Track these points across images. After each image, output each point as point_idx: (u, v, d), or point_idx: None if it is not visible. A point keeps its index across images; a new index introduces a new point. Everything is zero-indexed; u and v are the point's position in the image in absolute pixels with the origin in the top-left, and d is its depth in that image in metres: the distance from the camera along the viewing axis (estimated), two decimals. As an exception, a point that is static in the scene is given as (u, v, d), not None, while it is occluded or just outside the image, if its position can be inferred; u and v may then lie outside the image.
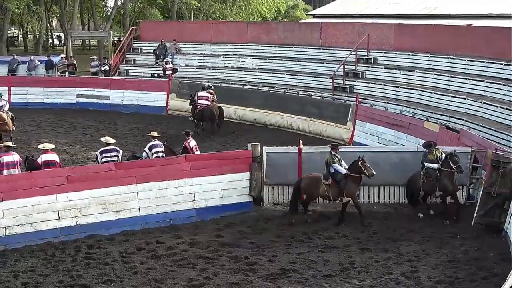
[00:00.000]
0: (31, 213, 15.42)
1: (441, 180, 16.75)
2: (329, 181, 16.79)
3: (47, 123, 29.76)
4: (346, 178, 16.68)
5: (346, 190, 16.63)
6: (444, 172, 16.73)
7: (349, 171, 16.64)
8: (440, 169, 16.75)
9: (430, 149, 17.16)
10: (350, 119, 26.08)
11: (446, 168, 16.71)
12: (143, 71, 37.61)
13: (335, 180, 16.78)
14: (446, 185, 16.76)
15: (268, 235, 15.97)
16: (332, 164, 16.79)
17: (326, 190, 16.81)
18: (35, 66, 37.39)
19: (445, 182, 16.72)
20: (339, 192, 16.75)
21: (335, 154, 16.97)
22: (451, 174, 16.71)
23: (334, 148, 17.19)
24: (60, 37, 65.19)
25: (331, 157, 16.89)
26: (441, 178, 16.75)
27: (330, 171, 16.82)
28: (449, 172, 16.69)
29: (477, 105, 23.47)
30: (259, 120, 29.59)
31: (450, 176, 16.73)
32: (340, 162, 16.88)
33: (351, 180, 16.65)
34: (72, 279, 13.29)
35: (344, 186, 16.67)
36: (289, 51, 33.75)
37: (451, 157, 16.72)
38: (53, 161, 16.99)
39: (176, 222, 16.80)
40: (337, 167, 16.78)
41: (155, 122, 29.88)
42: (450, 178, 16.75)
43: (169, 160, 17.58)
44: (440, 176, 16.76)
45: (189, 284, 13.02)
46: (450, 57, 26.56)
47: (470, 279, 13.05)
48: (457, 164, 16.59)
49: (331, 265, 14.03)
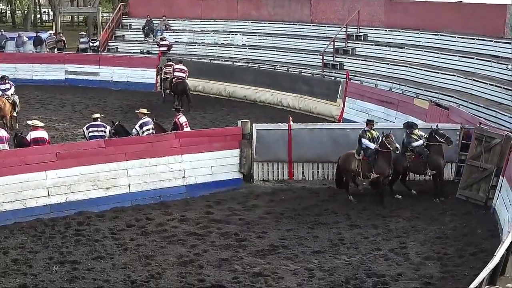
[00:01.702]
0: (20, 190, 15.38)
1: (431, 156, 16.76)
2: (360, 156, 16.64)
3: (36, 99, 29.62)
4: (376, 154, 16.52)
5: (376, 166, 16.45)
6: (433, 147, 16.76)
7: (379, 146, 16.47)
8: (429, 144, 16.77)
9: (411, 130, 17.09)
10: (340, 96, 26.07)
11: (434, 142, 16.74)
12: (132, 48, 37.40)
13: (366, 155, 16.64)
14: (437, 160, 16.77)
15: (258, 212, 16.02)
16: (361, 139, 16.63)
17: (357, 165, 16.66)
18: (23, 42, 37.07)
19: (435, 157, 16.74)
20: (369, 168, 16.56)
21: (368, 129, 16.72)
22: (439, 148, 16.75)
23: (368, 124, 16.94)
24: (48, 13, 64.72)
25: (363, 132, 16.74)
26: (431, 155, 16.77)
27: (362, 146, 16.70)
28: (438, 146, 16.73)
29: (467, 82, 23.47)
30: (249, 97, 29.56)
31: (439, 151, 16.77)
32: (373, 138, 16.61)
33: (381, 156, 16.40)
34: (62, 255, 13.30)
35: (373, 162, 16.51)
36: (279, 27, 33.58)
37: (436, 132, 16.76)
38: (42, 138, 16.95)
39: (166, 199, 16.80)
40: (366, 142, 16.54)
41: (145, 98, 29.78)
42: (440, 153, 16.78)
43: (159, 137, 17.55)
44: (430, 153, 16.78)
45: (179, 261, 13.05)
46: (440, 34, 26.51)
47: (459, 255, 13.15)
48: (444, 136, 16.64)
49: (320, 242, 14.09)
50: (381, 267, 12.69)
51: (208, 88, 31.09)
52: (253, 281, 12.17)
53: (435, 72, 25.09)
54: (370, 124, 16.92)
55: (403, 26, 28.36)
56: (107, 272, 12.56)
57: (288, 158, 18.32)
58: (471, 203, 16.23)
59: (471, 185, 16.48)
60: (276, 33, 33.44)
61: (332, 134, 18.22)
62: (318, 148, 17.88)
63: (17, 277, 12.32)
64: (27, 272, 12.52)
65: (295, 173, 18.43)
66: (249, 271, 12.60)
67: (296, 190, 17.74)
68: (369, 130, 16.72)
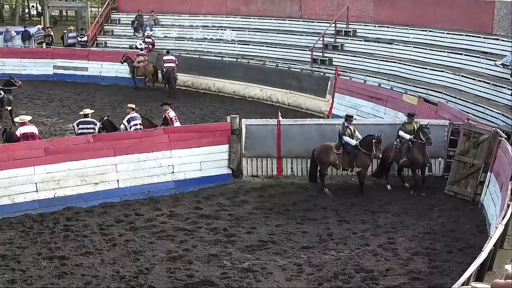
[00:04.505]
0: (8, 185, 15.30)
1: (412, 151, 16.87)
2: (340, 150, 16.86)
3: (25, 94, 29.42)
4: (357, 150, 16.71)
5: (357, 161, 16.72)
6: (415, 144, 16.86)
7: (360, 145, 16.66)
8: (412, 141, 16.88)
9: (410, 119, 17.26)
10: (329, 92, 26.09)
11: (417, 139, 16.84)
12: (121, 43, 37.28)
13: (347, 150, 16.84)
14: (416, 156, 16.88)
15: (247, 207, 16.03)
16: (342, 136, 16.83)
17: (337, 159, 16.89)
18: (11, 37, 36.92)
19: (415, 153, 16.85)
20: (349, 163, 16.83)
21: (348, 125, 16.95)
22: (422, 145, 16.83)
23: (347, 119, 17.16)
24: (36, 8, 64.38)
25: (343, 128, 16.91)
26: (412, 149, 16.87)
27: (342, 142, 16.86)
28: (420, 143, 16.82)
29: (455, 78, 23.58)
30: (238, 92, 29.54)
31: (421, 148, 16.85)
32: (353, 134, 16.88)
33: (362, 153, 16.67)
34: (51, 251, 13.26)
35: (354, 157, 16.73)
36: (268, 23, 33.60)
37: (421, 129, 16.86)
38: (32, 133, 16.86)
39: (155, 194, 16.78)
40: (347, 139, 16.79)
41: (134, 94, 29.71)
42: (421, 150, 16.87)
43: (148, 132, 17.51)
44: (412, 147, 16.88)
45: (168, 256, 13.04)
46: (429, 30, 26.61)
47: (447, 250, 13.20)
48: (426, 135, 16.72)
49: (309, 237, 14.12)
50: (370, 263, 12.72)
51: (197, 84, 31.04)
52: (242, 276, 12.18)
53: (424, 68, 25.19)
54: (349, 119, 17.07)
55: (392, 22, 28.45)
56: (96, 267, 12.53)
57: (277, 153, 18.34)
58: (459, 199, 16.31)
59: (459, 181, 16.57)
60: (266, 28, 33.45)
61: (321, 130, 18.24)
62: (307, 144, 17.89)
63: (5, 273, 12.27)
64: (15, 268, 12.48)
65: (284, 169, 18.46)
66: (238, 266, 12.61)
67: (285, 185, 17.76)
68: (348, 125, 16.88)
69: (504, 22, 23.64)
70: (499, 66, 22.08)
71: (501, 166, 14.71)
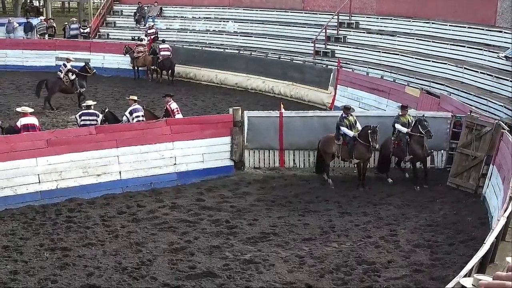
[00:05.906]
0: (11, 176, 15.33)
1: (411, 145, 16.84)
2: (340, 141, 16.90)
3: (27, 86, 29.44)
4: (355, 141, 16.72)
5: (356, 152, 16.73)
6: (414, 137, 16.81)
7: (358, 136, 16.66)
8: (410, 134, 16.83)
9: (403, 111, 17.20)
10: (332, 84, 26.07)
11: (415, 133, 16.78)
12: (123, 34, 37.24)
13: (345, 141, 16.87)
14: (416, 150, 16.85)
15: (249, 199, 16.04)
16: (339, 126, 16.86)
17: (337, 150, 16.95)
18: (14, 28, 36.88)
19: (414, 147, 16.82)
20: (348, 154, 16.85)
21: (346, 116, 16.96)
22: (420, 139, 16.78)
23: (345, 111, 17.17)
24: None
25: (340, 119, 16.93)
26: (411, 143, 16.84)
27: (339, 132, 16.89)
28: (419, 137, 16.77)
29: (458, 71, 23.52)
30: (241, 84, 29.53)
31: (419, 141, 16.81)
32: (352, 124, 16.87)
33: (360, 144, 16.67)
34: (53, 242, 13.29)
35: (352, 148, 16.74)
36: (271, 14, 33.52)
37: (420, 122, 16.77)
38: (32, 124, 16.87)
39: (157, 186, 16.81)
40: (345, 130, 16.82)
41: (136, 85, 29.69)
42: (420, 143, 16.82)
43: (150, 124, 17.52)
44: (410, 141, 16.84)
45: (170, 248, 13.06)
46: (432, 22, 26.54)
47: (449, 242, 13.20)
48: (426, 128, 16.65)
49: (311, 229, 14.12)
50: (372, 255, 12.72)
51: (199, 75, 31.05)
52: (244, 268, 12.19)
53: (427, 60, 25.12)
54: (347, 110, 17.07)
55: (394, 14, 28.38)
56: (98, 259, 12.54)
57: (279, 145, 18.34)
58: (461, 191, 16.31)
59: (461, 173, 16.56)
60: (268, 20, 33.37)
61: (323, 122, 18.24)
62: (309, 136, 17.89)
63: (7, 264, 12.29)
64: (17, 259, 12.50)
65: (286, 161, 18.47)
66: (240, 258, 12.62)
67: (287, 177, 17.77)
68: (346, 116, 16.87)
69: (507, 14, 23.57)
70: (502, 59, 22.03)
71: (503, 158, 14.70)
